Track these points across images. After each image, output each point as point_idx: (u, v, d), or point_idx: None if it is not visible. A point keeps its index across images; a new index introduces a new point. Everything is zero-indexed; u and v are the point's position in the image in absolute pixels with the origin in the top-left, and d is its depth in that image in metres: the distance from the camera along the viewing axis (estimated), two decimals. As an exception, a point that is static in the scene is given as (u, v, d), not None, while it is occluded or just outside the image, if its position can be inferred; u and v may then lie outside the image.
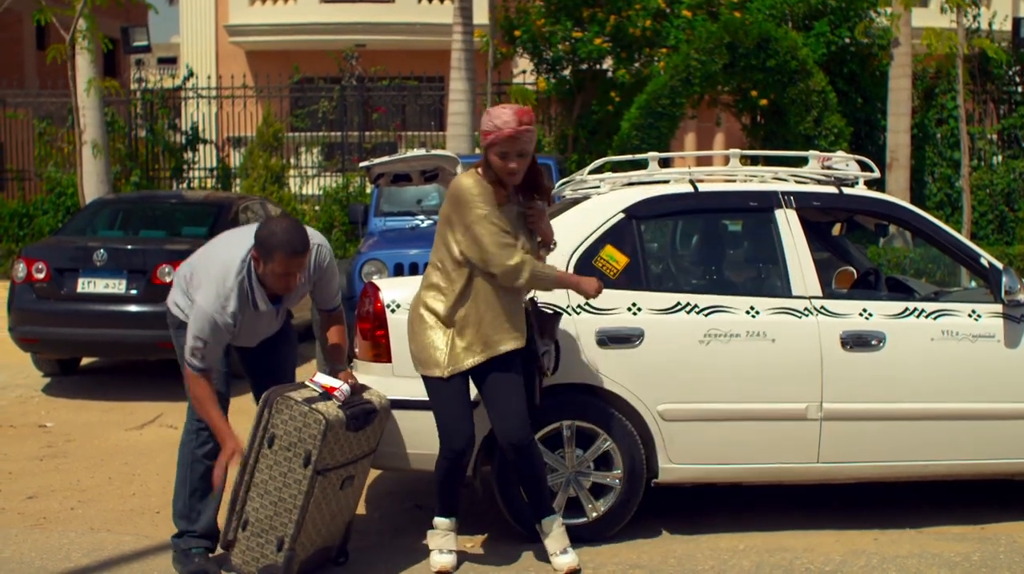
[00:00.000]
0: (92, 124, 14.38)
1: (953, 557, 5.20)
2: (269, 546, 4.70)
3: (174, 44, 34.95)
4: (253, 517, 4.72)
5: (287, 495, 4.68)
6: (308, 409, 4.68)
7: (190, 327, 4.88)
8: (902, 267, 12.85)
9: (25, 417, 8.69)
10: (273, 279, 4.87)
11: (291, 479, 4.68)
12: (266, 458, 4.70)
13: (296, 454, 4.66)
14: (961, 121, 14.58)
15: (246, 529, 4.72)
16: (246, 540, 4.72)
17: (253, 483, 4.72)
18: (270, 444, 4.69)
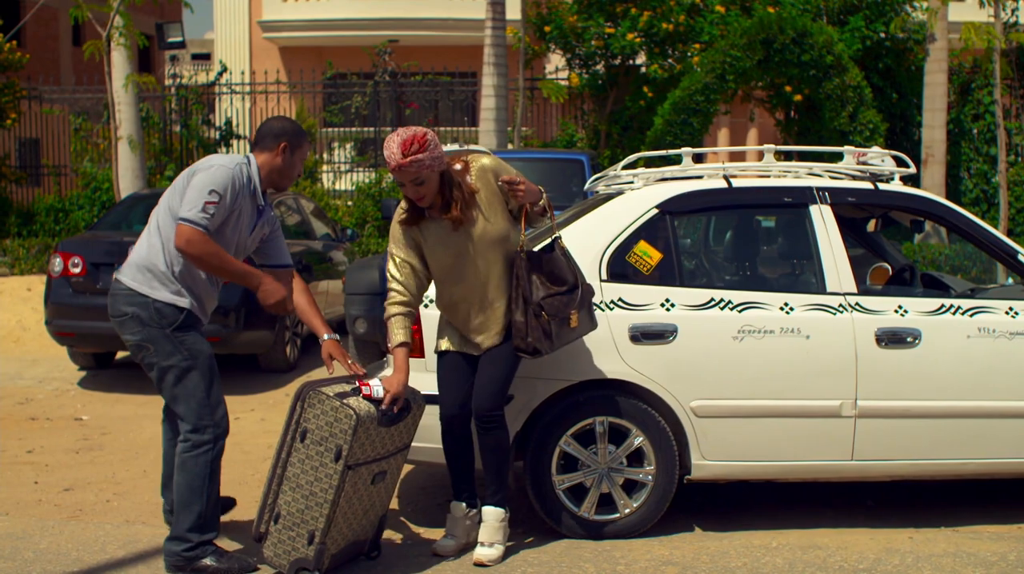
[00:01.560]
0: (127, 120, 14.48)
1: (989, 556, 5.16)
2: (300, 539, 4.72)
3: (208, 40, 35.16)
4: (285, 510, 4.74)
5: (318, 489, 4.70)
6: (340, 404, 4.69)
7: (202, 184, 4.81)
8: (937, 263, 12.74)
9: (61, 410, 8.77)
10: (291, 170, 5.06)
11: (322, 474, 4.70)
12: (298, 452, 4.72)
13: (328, 449, 4.68)
14: (998, 116, 14.44)
15: (278, 522, 4.74)
16: (278, 533, 4.75)
17: (286, 477, 4.74)
18: (303, 438, 4.70)
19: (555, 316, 4.96)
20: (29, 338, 11.68)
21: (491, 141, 14.21)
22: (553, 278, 5.02)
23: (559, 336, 5.01)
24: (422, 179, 4.86)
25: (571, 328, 5.04)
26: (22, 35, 21.16)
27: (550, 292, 4.98)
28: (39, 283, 12.34)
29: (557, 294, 4.99)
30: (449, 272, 5.06)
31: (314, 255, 11.21)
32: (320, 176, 18.08)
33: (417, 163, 4.79)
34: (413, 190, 4.90)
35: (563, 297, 5.00)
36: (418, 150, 4.77)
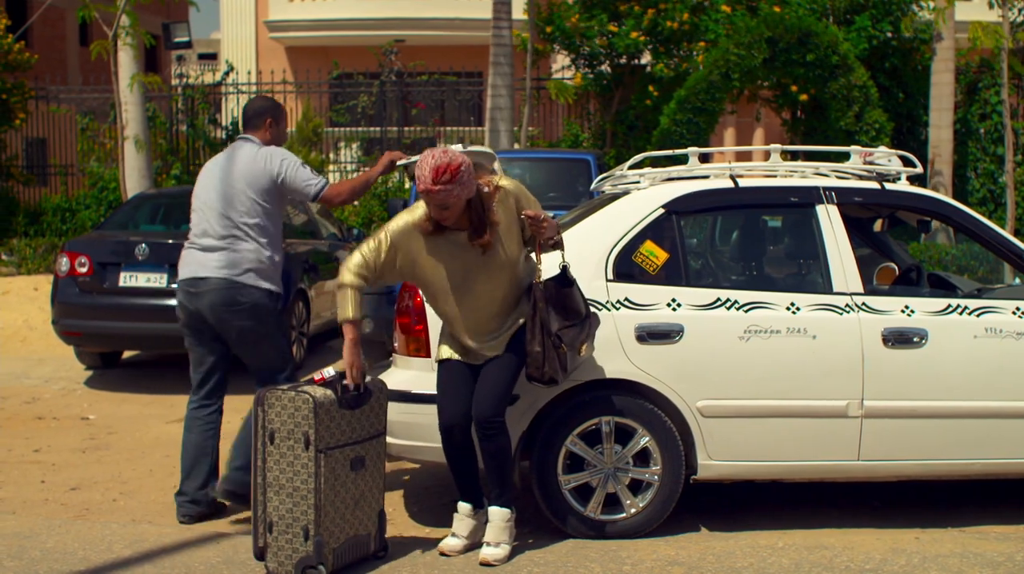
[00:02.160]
0: (134, 119, 14.51)
1: (996, 557, 5.15)
2: (297, 539, 4.75)
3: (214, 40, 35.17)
4: (275, 516, 4.78)
5: (299, 482, 4.74)
6: (295, 393, 4.77)
7: (292, 161, 5.67)
8: (944, 263, 12.72)
9: (68, 409, 8.79)
10: (280, 140, 5.88)
11: (298, 466, 4.74)
12: (272, 454, 4.78)
13: (296, 440, 4.74)
14: (1005, 116, 14.42)
15: (272, 530, 4.79)
16: (275, 541, 4.79)
17: (267, 483, 4.79)
18: (271, 439, 4.78)
19: (570, 347, 5.06)
20: (36, 337, 11.70)
21: (497, 141, 14.21)
22: (567, 311, 5.08)
23: (571, 364, 5.12)
24: (448, 205, 4.88)
25: (579, 357, 5.15)
26: (29, 35, 21.21)
27: (564, 324, 5.05)
28: (46, 283, 12.36)
29: (571, 326, 5.07)
30: (455, 288, 5.06)
31: (320, 255, 11.22)
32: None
33: (445, 192, 4.81)
34: (437, 212, 4.93)
35: (575, 328, 5.08)
36: (449, 180, 4.78)
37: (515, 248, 5.09)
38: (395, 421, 5.47)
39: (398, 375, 5.54)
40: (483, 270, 5.04)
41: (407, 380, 5.47)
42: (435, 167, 4.79)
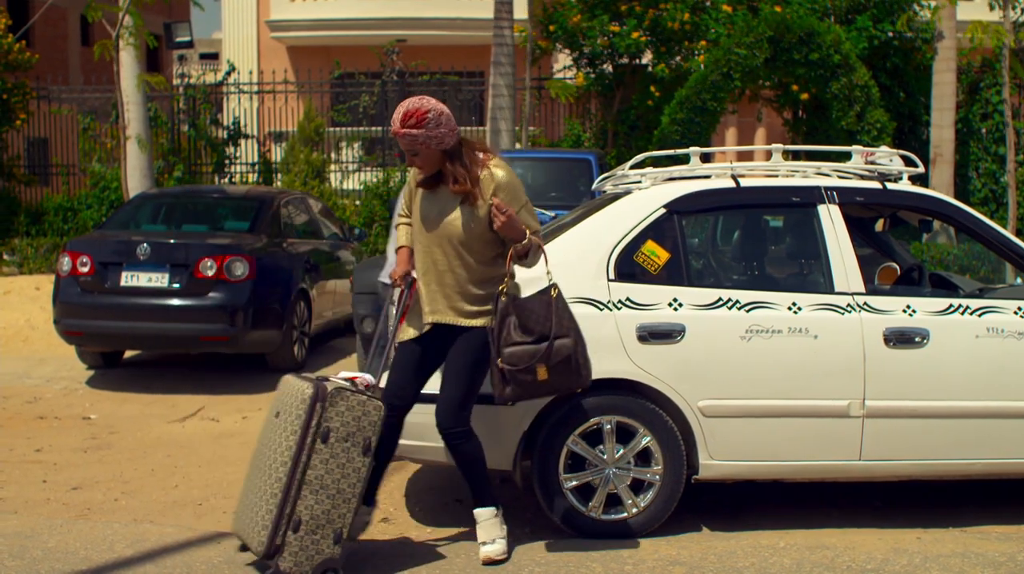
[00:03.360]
0: (136, 119, 14.51)
1: (997, 557, 5.15)
2: (326, 540, 4.67)
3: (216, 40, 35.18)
4: (307, 515, 4.66)
5: (346, 486, 4.70)
6: (366, 398, 4.75)
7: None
8: (946, 263, 12.71)
9: (69, 409, 8.79)
10: None
11: (350, 469, 4.71)
12: (320, 453, 4.68)
13: (355, 443, 4.71)
14: (1007, 115, 14.41)
15: (298, 530, 4.66)
16: (298, 541, 4.66)
17: (306, 481, 4.67)
18: (324, 439, 4.69)
19: (515, 366, 4.89)
20: (37, 337, 11.71)
21: (499, 140, 14.21)
22: (524, 328, 4.93)
23: (523, 386, 4.95)
24: (415, 151, 5.02)
25: (540, 382, 4.94)
26: (31, 35, 21.22)
27: (516, 341, 4.91)
28: (47, 282, 12.37)
29: (523, 343, 4.91)
30: (419, 233, 5.15)
31: (322, 254, 11.22)
32: (328, 175, 18.09)
33: (411, 137, 4.95)
34: (408, 156, 5.09)
35: (528, 347, 4.91)
36: (415, 124, 4.92)
37: (482, 230, 5.03)
38: (396, 421, 5.47)
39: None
40: (450, 234, 5.03)
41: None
42: (404, 111, 4.94)
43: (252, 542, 4.76)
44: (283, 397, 4.90)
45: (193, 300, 9.25)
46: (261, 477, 4.80)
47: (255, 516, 4.75)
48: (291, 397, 4.82)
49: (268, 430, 4.92)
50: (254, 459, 4.97)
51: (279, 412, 4.86)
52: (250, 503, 4.83)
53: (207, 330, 9.32)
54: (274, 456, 4.75)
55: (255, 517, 4.75)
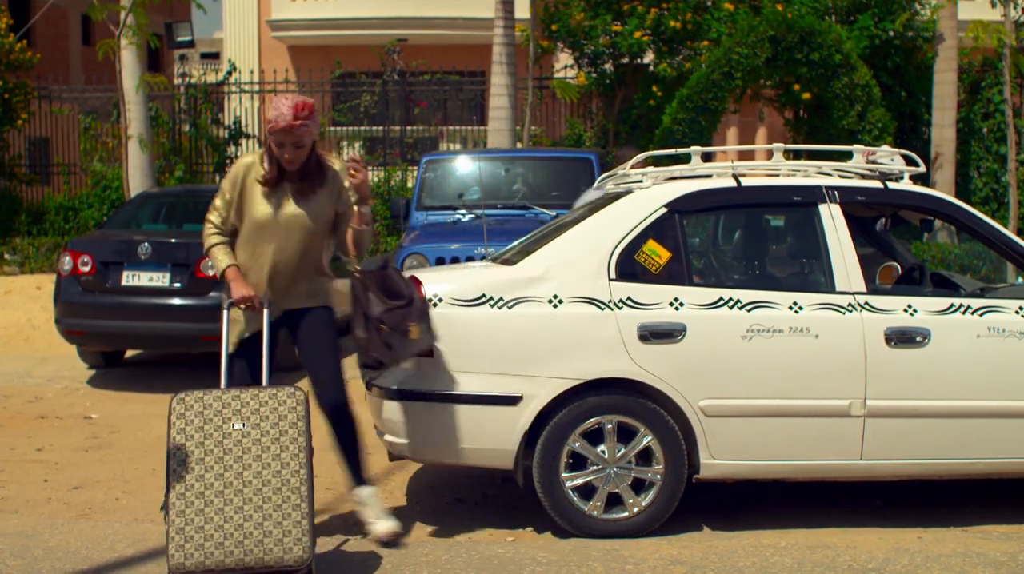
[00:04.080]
0: (137, 119, 14.50)
1: (999, 556, 5.14)
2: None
3: (217, 39, 35.19)
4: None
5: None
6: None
7: None
8: (947, 263, 12.71)
9: (71, 408, 8.79)
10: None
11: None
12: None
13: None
14: (1008, 114, 14.41)
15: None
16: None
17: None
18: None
19: (395, 329, 5.19)
20: (39, 337, 11.71)
21: (500, 140, 14.20)
22: (390, 293, 5.29)
23: (401, 347, 5.23)
24: (303, 143, 5.17)
25: (411, 340, 5.23)
26: (32, 34, 21.21)
27: (388, 307, 5.21)
28: (48, 282, 12.37)
29: (396, 307, 5.22)
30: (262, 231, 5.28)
31: (323, 254, 11.21)
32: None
33: (304, 128, 5.12)
34: (292, 152, 5.17)
35: (401, 310, 5.22)
36: (308, 115, 5.12)
37: (329, 217, 5.38)
38: (396, 420, 5.49)
39: (401, 374, 5.54)
40: (302, 225, 5.29)
41: (410, 379, 5.47)
42: (293, 105, 5.10)
43: (287, 554, 4.35)
44: (240, 408, 4.57)
45: (194, 299, 9.26)
46: (258, 486, 4.43)
47: (276, 529, 4.36)
48: (264, 405, 4.58)
49: (229, 442, 4.51)
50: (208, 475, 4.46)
51: (240, 423, 4.52)
52: (249, 519, 4.38)
53: (208, 329, 9.26)
54: (277, 464, 4.46)
55: (277, 529, 4.36)
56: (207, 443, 4.51)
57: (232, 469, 4.46)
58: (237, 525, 4.38)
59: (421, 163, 10.79)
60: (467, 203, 10.10)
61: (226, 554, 4.33)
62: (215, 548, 4.33)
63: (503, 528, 5.69)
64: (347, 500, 6.15)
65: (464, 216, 9.96)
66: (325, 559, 5.01)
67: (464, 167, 10.89)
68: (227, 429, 4.54)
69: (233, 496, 4.42)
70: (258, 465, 4.48)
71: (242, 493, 4.43)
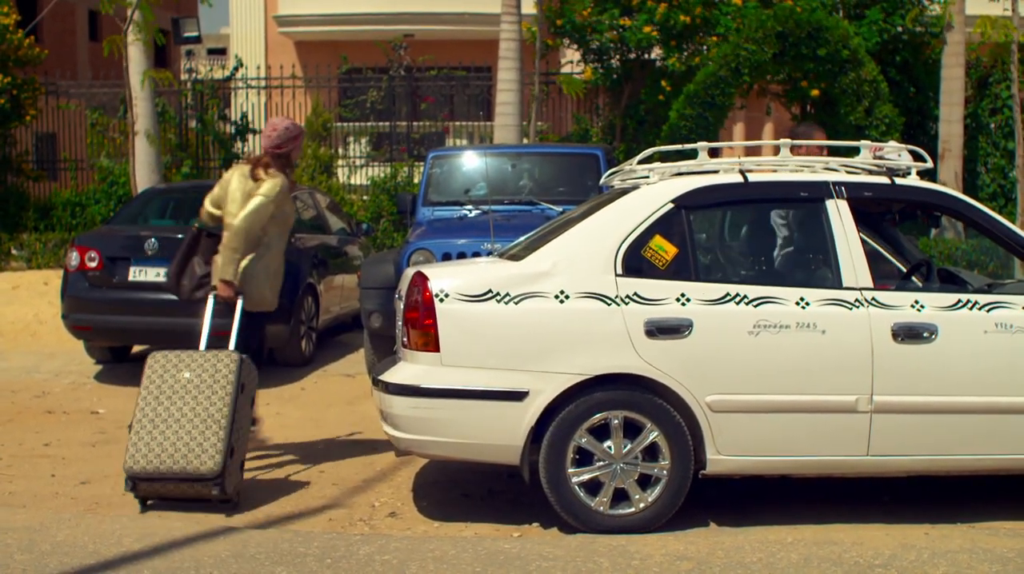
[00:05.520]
0: (144, 114, 14.50)
1: (1006, 553, 5.13)
2: (237, 467, 6.05)
3: (224, 35, 35.22)
4: (236, 446, 5.96)
5: (245, 426, 6.19)
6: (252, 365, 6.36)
7: None
8: (954, 259, 12.67)
9: (78, 403, 8.81)
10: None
11: (246, 414, 6.21)
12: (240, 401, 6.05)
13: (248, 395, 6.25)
14: (1016, 110, 14.34)
15: (232, 457, 5.90)
16: (231, 465, 5.91)
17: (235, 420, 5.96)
18: (242, 390, 6.07)
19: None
20: (46, 332, 11.73)
21: (506, 135, 14.18)
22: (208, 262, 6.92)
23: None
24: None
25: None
26: (39, 30, 21.24)
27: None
28: (56, 277, 12.38)
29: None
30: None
31: (329, 249, 11.23)
32: (335, 171, 18.09)
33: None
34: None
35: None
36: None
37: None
38: (404, 415, 5.49)
39: (407, 370, 5.55)
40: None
41: (416, 375, 5.48)
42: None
43: (202, 466, 5.75)
44: (187, 362, 6.10)
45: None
46: (192, 420, 5.88)
47: (198, 449, 5.79)
48: (205, 361, 6.09)
49: (176, 388, 6.01)
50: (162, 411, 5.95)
51: (191, 373, 6.05)
52: (180, 443, 5.82)
53: (214, 325, 9.31)
54: (208, 403, 5.92)
55: (198, 448, 5.79)
56: (163, 386, 6.04)
57: (176, 405, 5.97)
58: (172, 443, 5.85)
59: (427, 159, 10.77)
60: (473, 199, 10.09)
61: (160, 463, 5.81)
62: (154, 458, 5.83)
63: (509, 524, 5.69)
64: (352, 496, 6.18)
65: (470, 212, 9.95)
66: (331, 552, 5.02)
67: (470, 163, 10.88)
68: (178, 377, 6.06)
69: (173, 423, 5.91)
70: (194, 403, 5.96)
71: (179, 422, 5.91)
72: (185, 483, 5.82)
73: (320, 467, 6.83)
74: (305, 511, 5.98)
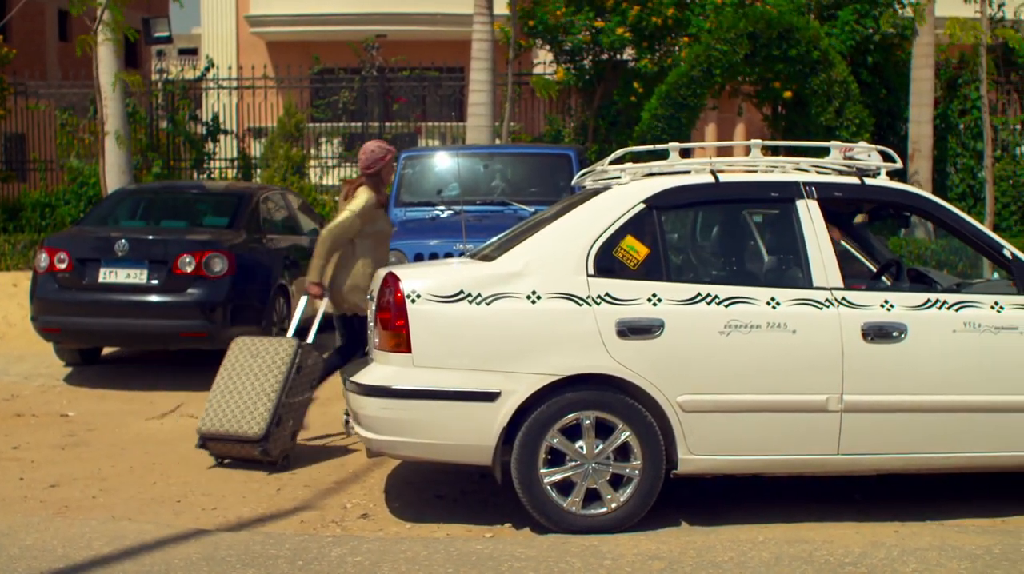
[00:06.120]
0: (114, 115, 14.41)
1: (974, 550, 5.17)
2: (287, 435, 6.87)
3: (195, 35, 35.06)
4: (285, 416, 6.78)
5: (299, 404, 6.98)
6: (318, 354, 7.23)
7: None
8: (924, 258, 12.77)
9: (47, 406, 8.74)
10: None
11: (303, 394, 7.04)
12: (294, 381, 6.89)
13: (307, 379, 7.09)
14: (984, 111, 14.47)
15: (279, 425, 6.70)
16: (278, 432, 6.71)
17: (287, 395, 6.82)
18: (298, 371, 6.91)
19: None
20: (15, 334, 11.64)
21: (479, 136, 14.18)
22: None
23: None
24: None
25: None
26: (8, 30, 21.04)
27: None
28: (25, 279, 12.27)
29: None
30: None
31: (302, 250, 11.18)
32: (308, 171, 18.03)
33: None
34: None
35: None
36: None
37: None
38: (376, 417, 5.48)
39: (378, 371, 5.54)
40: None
41: (387, 376, 5.47)
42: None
43: (250, 430, 6.62)
44: (259, 346, 7.01)
45: (172, 296, 9.21)
46: (250, 392, 6.76)
47: (249, 416, 6.67)
48: (271, 345, 7.00)
49: (245, 366, 6.93)
50: (230, 384, 6.86)
51: (256, 355, 6.95)
52: (238, 410, 6.72)
53: (186, 326, 9.29)
54: (264, 380, 6.80)
55: (249, 416, 6.67)
56: (236, 364, 7.00)
57: (241, 379, 6.91)
58: (231, 410, 6.77)
59: (400, 159, 10.76)
60: (446, 199, 10.09)
61: (220, 425, 6.77)
62: (217, 422, 6.79)
63: (482, 524, 5.69)
64: (324, 498, 6.17)
65: (443, 212, 9.95)
66: (303, 554, 5.01)
67: (443, 163, 10.88)
68: (246, 357, 7.01)
69: (236, 394, 6.85)
70: (254, 378, 6.86)
71: (240, 393, 6.84)
72: (237, 444, 6.72)
73: (291, 469, 6.81)
74: (276, 513, 5.95)
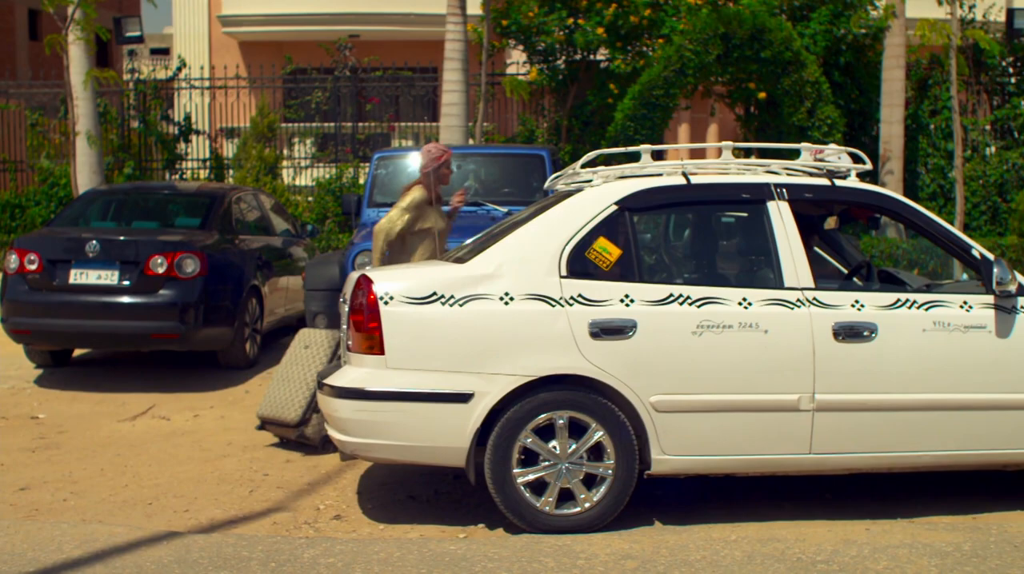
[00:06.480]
0: (85, 115, 14.32)
1: (944, 547, 5.22)
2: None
3: (167, 35, 34.85)
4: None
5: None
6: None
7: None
8: (895, 259, 12.85)
9: (17, 408, 8.68)
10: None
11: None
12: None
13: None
14: (955, 112, 14.59)
15: (317, 412, 6.85)
16: (316, 419, 7.04)
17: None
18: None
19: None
20: (-15, 336, 11.54)
21: (452, 136, 14.17)
22: None
23: None
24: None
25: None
26: (-23, 29, 20.88)
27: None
28: (-5, 280, 12.19)
29: None
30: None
31: (274, 251, 11.15)
32: (280, 172, 17.97)
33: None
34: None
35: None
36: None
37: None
38: (349, 419, 5.47)
39: (352, 373, 5.53)
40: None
41: (361, 378, 5.46)
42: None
43: (289, 416, 7.15)
44: (312, 337, 7.55)
45: (143, 297, 9.16)
46: (296, 381, 7.26)
47: (291, 403, 7.18)
48: (320, 336, 7.48)
49: (298, 356, 7.46)
50: (284, 373, 7.44)
51: (307, 346, 7.47)
52: (285, 397, 7.26)
53: (158, 327, 9.24)
54: (308, 369, 7.28)
55: (291, 403, 7.18)
56: (293, 354, 7.56)
57: (293, 369, 7.44)
58: (280, 397, 7.33)
59: (373, 160, 10.75)
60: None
61: (272, 410, 7.34)
62: (270, 407, 7.37)
63: (455, 525, 5.69)
64: (297, 499, 6.16)
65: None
66: (275, 556, 5.00)
67: (416, 164, 10.85)
68: (300, 347, 7.56)
69: (287, 382, 7.38)
70: (302, 368, 7.36)
71: (289, 381, 7.36)
72: (281, 427, 7.29)
73: (264, 470, 6.79)
74: (249, 515, 5.94)
